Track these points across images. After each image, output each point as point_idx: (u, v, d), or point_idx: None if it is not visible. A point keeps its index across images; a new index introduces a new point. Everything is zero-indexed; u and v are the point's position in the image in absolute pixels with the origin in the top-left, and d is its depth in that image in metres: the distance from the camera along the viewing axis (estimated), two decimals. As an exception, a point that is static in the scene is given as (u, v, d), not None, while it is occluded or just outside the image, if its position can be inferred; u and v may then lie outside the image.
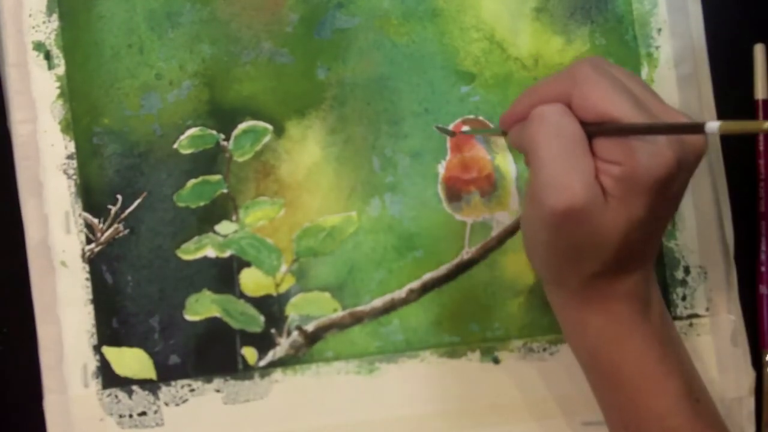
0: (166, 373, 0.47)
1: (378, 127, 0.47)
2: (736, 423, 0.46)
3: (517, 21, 0.48)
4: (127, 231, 0.47)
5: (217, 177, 0.47)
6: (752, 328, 0.47)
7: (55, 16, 0.48)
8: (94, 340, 0.47)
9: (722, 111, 0.47)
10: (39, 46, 0.48)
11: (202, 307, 0.47)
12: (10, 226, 0.47)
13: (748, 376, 0.46)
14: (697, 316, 0.47)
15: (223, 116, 0.48)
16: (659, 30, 0.47)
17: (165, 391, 0.47)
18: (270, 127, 0.48)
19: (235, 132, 0.48)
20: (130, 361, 0.47)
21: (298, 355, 0.47)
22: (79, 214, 0.47)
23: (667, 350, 0.38)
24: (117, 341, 0.47)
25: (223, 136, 0.48)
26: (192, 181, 0.47)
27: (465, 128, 0.47)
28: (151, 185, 0.47)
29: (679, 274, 0.47)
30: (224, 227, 0.47)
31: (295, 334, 0.47)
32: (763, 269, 0.47)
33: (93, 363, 0.47)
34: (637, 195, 0.35)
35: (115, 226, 0.47)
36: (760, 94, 0.47)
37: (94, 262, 0.47)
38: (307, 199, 0.47)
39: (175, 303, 0.47)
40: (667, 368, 0.38)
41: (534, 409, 0.46)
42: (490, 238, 0.47)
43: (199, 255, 0.47)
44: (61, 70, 0.48)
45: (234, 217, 0.47)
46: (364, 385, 0.47)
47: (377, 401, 0.47)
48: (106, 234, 0.47)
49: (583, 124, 0.36)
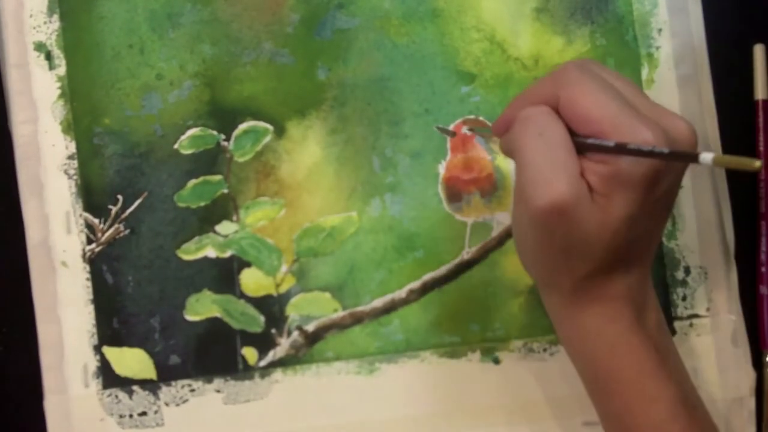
0: (167, 373, 0.47)
1: (378, 128, 0.47)
2: (737, 423, 0.46)
3: (518, 21, 0.48)
4: (127, 231, 0.47)
5: (218, 177, 0.47)
6: (752, 328, 0.47)
7: (56, 17, 0.48)
8: (95, 340, 0.47)
9: (722, 111, 0.47)
10: (40, 47, 0.48)
11: (203, 307, 0.47)
12: (11, 226, 0.47)
13: (749, 376, 0.46)
14: (697, 317, 0.47)
15: (224, 116, 0.48)
16: (659, 30, 0.47)
17: (165, 391, 0.47)
18: (270, 128, 0.48)
19: (236, 132, 0.48)
20: (131, 361, 0.47)
21: (299, 356, 0.47)
22: (80, 215, 0.47)
23: (664, 356, 0.38)
24: (117, 341, 0.47)
25: (223, 137, 0.48)
26: (192, 182, 0.47)
27: (465, 128, 0.47)
28: (152, 185, 0.48)
29: (680, 275, 0.47)
30: (225, 227, 0.47)
31: (296, 334, 0.47)
32: (764, 269, 0.47)
33: (93, 363, 0.47)
34: (624, 193, 0.34)
35: (116, 226, 0.47)
36: (759, 95, 0.47)
37: (94, 262, 0.47)
38: (307, 200, 0.47)
39: (175, 303, 0.47)
40: (663, 374, 0.37)
41: (534, 410, 0.46)
42: (491, 238, 0.47)
43: (199, 255, 0.47)
44: (62, 70, 0.48)
45: (234, 218, 0.47)
46: (365, 385, 0.47)
47: (377, 401, 0.47)
48: (107, 234, 0.47)
49: (573, 137, 0.36)
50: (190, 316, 0.47)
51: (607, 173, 0.34)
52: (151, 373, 0.47)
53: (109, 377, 0.47)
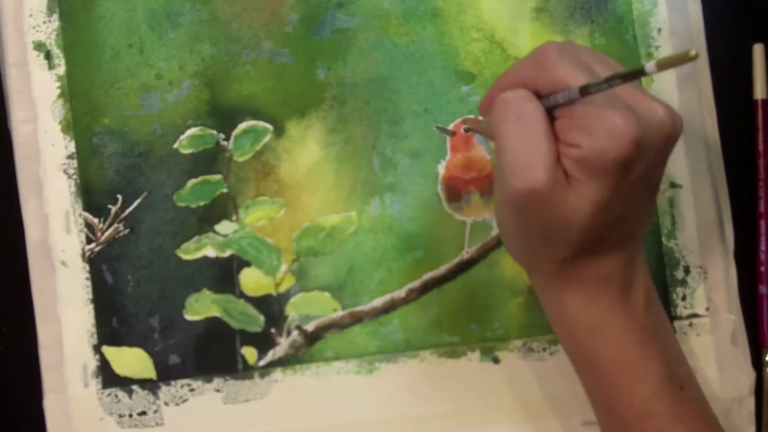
0: (166, 373, 0.47)
1: (378, 127, 0.47)
2: (736, 423, 0.46)
3: (517, 21, 0.48)
4: (127, 231, 0.47)
5: (217, 177, 0.47)
6: (752, 328, 0.47)
7: (56, 16, 0.48)
8: (94, 340, 0.47)
9: (722, 110, 0.47)
10: (39, 46, 0.48)
11: (202, 306, 0.47)
12: (11, 225, 0.47)
13: (748, 376, 0.46)
14: (697, 316, 0.47)
15: (223, 116, 0.48)
16: (659, 30, 0.47)
17: (165, 391, 0.47)
18: (270, 127, 0.48)
19: (235, 132, 0.48)
20: (130, 361, 0.47)
21: (298, 355, 0.47)
22: (80, 214, 0.47)
23: (650, 336, 0.38)
24: (117, 341, 0.47)
25: (223, 136, 0.48)
26: (192, 181, 0.47)
27: (464, 128, 0.47)
28: (152, 185, 0.48)
29: (679, 274, 0.47)
30: (224, 227, 0.47)
31: (295, 333, 0.47)
32: (763, 269, 0.47)
33: (93, 363, 0.47)
34: (597, 177, 0.35)
35: (115, 225, 0.47)
36: (759, 94, 0.47)
37: (94, 262, 0.47)
38: (307, 199, 0.47)
39: (175, 303, 0.47)
40: (647, 353, 0.37)
41: (533, 409, 0.46)
42: (490, 237, 0.47)
43: (199, 255, 0.47)
44: (62, 70, 0.48)
45: (234, 217, 0.47)
46: (364, 384, 0.47)
47: (377, 401, 0.47)
48: (106, 234, 0.47)
49: (540, 97, 0.36)
50: (189, 316, 0.47)
51: (580, 157, 0.35)
52: (150, 373, 0.47)
53: (108, 377, 0.47)
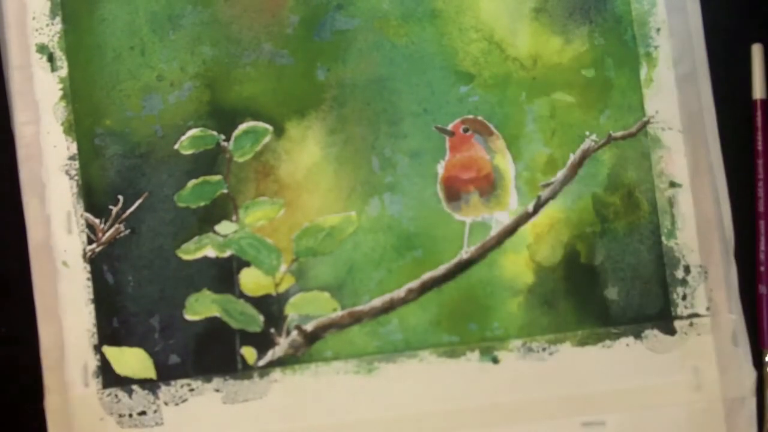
0: (166, 373, 0.47)
1: (377, 128, 0.48)
2: (738, 423, 0.46)
3: (516, 21, 0.48)
4: (128, 231, 0.48)
5: (218, 177, 0.48)
6: (752, 327, 0.47)
7: (59, 19, 0.48)
8: (95, 340, 0.47)
9: (721, 110, 0.47)
10: (42, 49, 0.48)
11: (202, 306, 0.47)
12: (13, 226, 0.48)
13: (750, 375, 0.46)
14: (697, 316, 0.46)
15: (224, 117, 0.48)
16: (658, 30, 0.47)
17: (165, 391, 0.47)
18: (270, 128, 0.48)
19: (236, 133, 0.48)
20: (131, 361, 0.47)
21: (297, 355, 0.47)
22: (81, 215, 0.48)
23: None
24: (117, 341, 0.47)
25: (223, 137, 0.48)
26: (192, 182, 0.48)
27: (462, 128, 0.47)
28: (152, 186, 0.48)
29: (680, 274, 0.47)
30: (224, 227, 0.48)
31: (295, 333, 0.47)
32: (763, 269, 0.47)
33: (93, 362, 0.47)
34: None
35: (116, 226, 0.48)
36: (758, 94, 0.47)
37: (95, 262, 0.48)
38: (306, 199, 0.48)
39: (175, 303, 0.47)
40: None
41: (533, 409, 0.46)
42: (489, 237, 0.47)
43: (199, 255, 0.47)
44: (64, 72, 0.48)
45: (234, 217, 0.48)
46: (363, 384, 0.47)
47: (376, 401, 0.47)
48: (108, 234, 0.48)
49: None
50: (189, 316, 0.47)
51: None
52: (150, 373, 0.47)
53: (109, 377, 0.47)
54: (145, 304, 0.47)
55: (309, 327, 0.47)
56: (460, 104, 0.48)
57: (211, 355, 0.47)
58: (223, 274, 0.47)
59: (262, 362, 0.47)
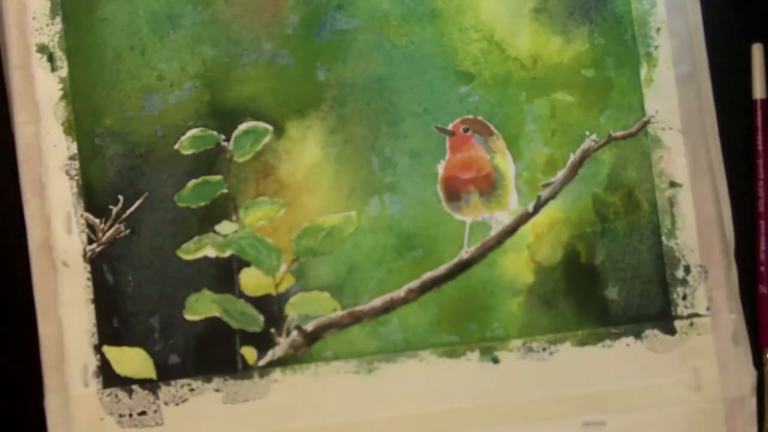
0: (166, 373, 0.47)
1: (377, 128, 0.48)
2: (738, 423, 0.46)
3: (516, 21, 0.48)
4: (128, 231, 0.48)
5: (218, 177, 0.48)
6: (752, 327, 0.47)
7: (59, 19, 0.48)
8: (95, 340, 0.47)
9: (721, 110, 0.47)
10: (42, 49, 0.48)
11: (202, 306, 0.47)
12: (13, 226, 0.48)
13: (750, 375, 0.46)
14: (697, 316, 0.46)
15: (224, 117, 0.48)
16: (658, 29, 0.47)
17: (165, 391, 0.47)
18: (270, 128, 0.48)
19: (236, 133, 0.48)
20: (131, 361, 0.47)
21: (297, 355, 0.47)
22: (81, 215, 0.48)
23: None
24: (117, 341, 0.47)
25: (223, 137, 0.48)
26: (192, 182, 0.48)
27: (463, 128, 0.47)
28: (152, 186, 0.48)
29: (680, 273, 0.47)
30: (224, 227, 0.48)
31: (295, 333, 0.47)
32: (763, 269, 0.47)
33: (93, 362, 0.47)
34: None
35: (117, 226, 0.48)
36: (758, 94, 0.47)
37: (95, 262, 0.48)
38: (306, 199, 0.48)
39: (175, 303, 0.47)
40: None
41: (533, 409, 0.46)
42: (489, 237, 0.47)
43: (199, 255, 0.47)
44: (64, 72, 0.48)
45: (234, 217, 0.48)
46: (363, 384, 0.47)
47: (376, 401, 0.47)
48: (108, 234, 0.48)
49: None
50: (189, 316, 0.47)
51: None
52: (150, 373, 0.47)
53: (109, 377, 0.47)
54: (145, 304, 0.47)
55: (309, 327, 0.47)
56: (460, 104, 0.48)
57: (212, 355, 0.47)
58: (223, 274, 0.47)
59: (262, 362, 0.47)
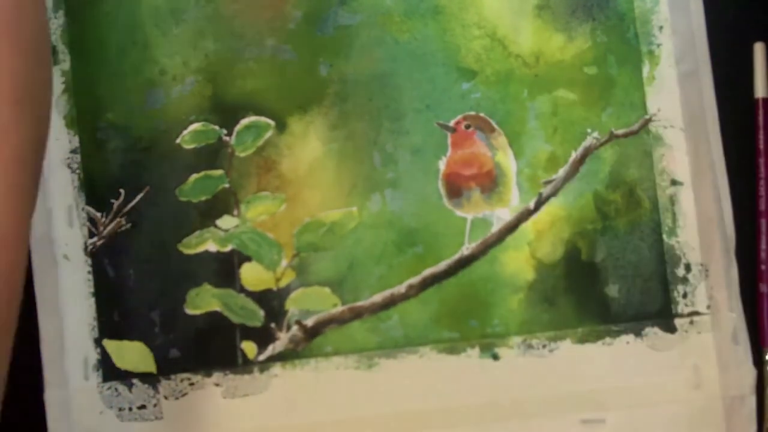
0: (166, 367, 0.47)
1: (379, 123, 0.48)
2: (738, 422, 0.46)
3: (519, 18, 0.48)
4: (129, 225, 0.48)
5: (219, 172, 0.48)
6: (752, 326, 0.47)
7: (61, 13, 0.48)
8: (95, 333, 0.47)
9: (723, 109, 0.47)
10: (45, 42, 0.48)
11: (203, 301, 0.47)
12: (14, 219, 0.48)
13: (750, 374, 0.46)
14: (698, 314, 0.46)
15: (226, 112, 0.48)
16: (660, 28, 0.47)
17: (165, 385, 0.47)
18: (272, 123, 0.48)
19: (238, 127, 0.48)
20: (131, 355, 0.47)
21: (298, 350, 0.47)
22: (82, 208, 0.48)
23: None
24: (118, 334, 0.47)
25: (225, 132, 0.48)
26: (194, 176, 0.48)
27: (464, 125, 0.47)
28: (154, 180, 0.48)
29: (680, 272, 0.47)
30: (225, 222, 0.48)
31: (295, 328, 0.47)
32: (764, 267, 0.47)
33: (94, 356, 0.47)
34: None
35: (118, 220, 0.48)
36: (759, 93, 0.47)
37: (96, 256, 0.48)
38: (308, 195, 0.48)
39: (175, 297, 0.47)
40: None
41: (532, 406, 0.46)
42: (490, 234, 0.47)
43: (200, 249, 0.48)
44: (67, 65, 0.48)
45: (235, 212, 0.48)
46: (363, 380, 0.47)
47: (376, 396, 0.47)
48: (109, 228, 0.48)
49: None
50: (190, 310, 0.47)
51: None
52: (150, 367, 0.47)
53: (109, 370, 0.47)
54: (146, 297, 0.47)
55: (309, 322, 0.47)
56: (462, 101, 0.48)
57: (212, 349, 0.47)
58: (224, 269, 0.47)
59: (262, 357, 0.47)
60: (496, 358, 0.47)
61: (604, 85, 0.47)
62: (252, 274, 0.47)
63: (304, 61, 0.48)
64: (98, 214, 0.48)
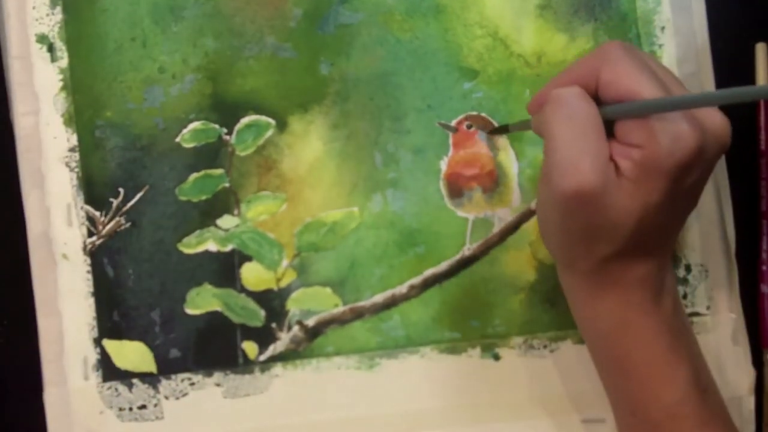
0: (167, 367, 0.47)
1: (380, 123, 0.47)
2: (737, 422, 0.46)
3: (521, 18, 0.48)
4: (128, 224, 0.47)
5: (220, 171, 0.47)
6: (753, 327, 0.47)
7: (59, 9, 0.48)
8: (95, 333, 0.47)
9: (724, 109, 0.47)
10: (42, 39, 0.48)
11: (203, 300, 0.47)
12: (12, 218, 0.47)
13: (749, 375, 0.46)
14: (698, 315, 0.47)
15: (226, 110, 0.48)
16: (663, 28, 0.47)
17: (165, 385, 0.47)
18: (272, 122, 0.48)
19: (238, 126, 0.48)
20: (131, 354, 0.47)
21: (299, 350, 0.47)
22: (81, 207, 0.47)
23: (678, 339, 0.38)
24: (118, 334, 0.47)
25: (225, 130, 0.48)
26: (194, 175, 0.47)
27: (466, 125, 0.47)
28: (154, 179, 0.47)
29: (681, 272, 0.47)
30: (226, 221, 0.47)
31: (296, 328, 0.47)
32: (764, 268, 0.47)
33: (93, 356, 0.47)
34: (654, 179, 0.35)
35: (117, 219, 0.47)
36: (762, 93, 0.47)
37: (95, 255, 0.47)
38: (309, 194, 0.47)
39: (176, 296, 0.47)
40: (676, 357, 0.38)
41: (533, 406, 0.46)
42: (492, 234, 0.47)
43: (200, 249, 0.47)
44: (64, 62, 0.48)
45: (236, 212, 0.47)
46: (364, 380, 0.47)
47: (377, 397, 0.47)
48: (108, 227, 0.47)
49: (601, 105, 0.36)
50: (190, 310, 0.47)
51: (641, 159, 0.35)
52: (151, 367, 0.47)
53: (109, 370, 0.47)
54: (146, 297, 0.47)
55: (310, 322, 0.47)
56: (464, 100, 0.47)
57: (212, 349, 0.47)
58: (224, 269, 0.47)
59: (263, 357, 0.47)
60: (497, 358, 0.47)
61: (606, 85, 0.47)
62: (253, 274, 0.47)
63: (304, 59, 0.48)
64: (97, 213, 0.47)
